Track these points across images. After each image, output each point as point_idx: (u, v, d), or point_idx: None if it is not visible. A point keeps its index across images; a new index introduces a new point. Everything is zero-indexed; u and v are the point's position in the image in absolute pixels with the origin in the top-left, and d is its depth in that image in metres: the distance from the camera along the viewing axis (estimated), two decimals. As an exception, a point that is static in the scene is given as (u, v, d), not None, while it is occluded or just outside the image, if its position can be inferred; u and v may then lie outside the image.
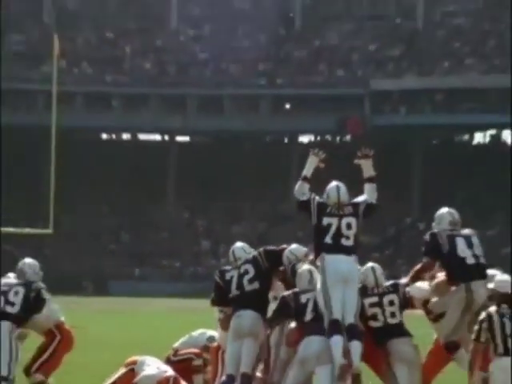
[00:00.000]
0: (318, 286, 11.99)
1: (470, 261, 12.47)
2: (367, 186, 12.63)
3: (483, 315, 12.04)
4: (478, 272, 12.59)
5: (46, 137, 48.65)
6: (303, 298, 12.09)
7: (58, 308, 15.29)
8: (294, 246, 12.88)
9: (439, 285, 12.82)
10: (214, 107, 71.65)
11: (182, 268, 67.49)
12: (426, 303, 12.97)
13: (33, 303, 14.30)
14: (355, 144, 69.35)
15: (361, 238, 12.64)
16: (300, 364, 12.08)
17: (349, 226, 12.18)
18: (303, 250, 12.78)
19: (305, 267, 12.30)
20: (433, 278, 12.87)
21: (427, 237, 12.59)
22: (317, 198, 12.39)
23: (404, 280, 12.96)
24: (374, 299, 12.60)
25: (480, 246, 12.57)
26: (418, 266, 12.76)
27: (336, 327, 11.77)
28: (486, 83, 67.55)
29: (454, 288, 12.69)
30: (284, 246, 12.94)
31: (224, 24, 75.69)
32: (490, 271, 12.78)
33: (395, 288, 12.65)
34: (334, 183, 12.48)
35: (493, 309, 12.10)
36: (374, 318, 12.58)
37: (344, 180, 12.84)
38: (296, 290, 12.19)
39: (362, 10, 75.86)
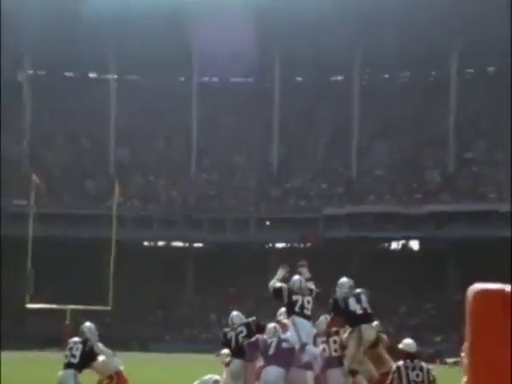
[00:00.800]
0: (292, 331, 12.81)
1: (359, 312, 13.00)
2: (308, 283, 13.63)
3: (394, 367, 12.28)
4: (366, 319, 13.13)
5: (107, 246, 48.84)
6: (269, 341, 12.76)
7: (118, 360, 15.44)
8: (282, 309, 13.92)
9: (348, 336, 13.34)
10: (220, 226, 71.79)
11: (197, 334, 67.03)
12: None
13: (88, 355, 14.60)
14: (313, 250, 69.77)
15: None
16: None
17: (308, 302, 13.17)
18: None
19: (271, 324, 13.14)
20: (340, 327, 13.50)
21: (331, 301, 13.35)
22: (285, 285, 13.34)
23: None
24: (323, 338, 13.22)
25: (367, 301, 13.10)
26: (328, 320, 13.62)
27: (305, 345, 12.82)
28: (399, 210, 67.97)
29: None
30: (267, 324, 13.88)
31: (226, 172, 76.29)
32: (375, 322, 13.32)
33: (338, 332, 13.29)
34: (297, 276, 13.32)
35: (401, 363, 12.33)
36: (323, 351, 13.12)
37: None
38: (265, 336, 13.00)
39: (317, 164, 76.39)
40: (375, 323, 13.30)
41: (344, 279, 13.66)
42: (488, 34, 67.25)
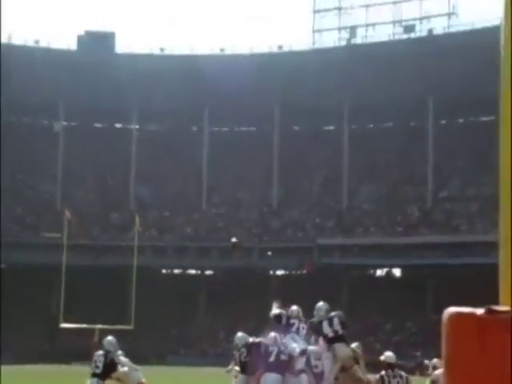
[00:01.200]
0: (291, 342, 12.79)
1: (330, 334, 12.86)
2: None
3: (377, 377, 12.31)
4: (338, 339, 12.95)
5: (129, 272, 48.71)
6: (270, 349, 12.68)
7: (141, 374, 15.43)
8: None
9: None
10: (227, 254, 71.45)
11: (208, 349, 66.71)
12: None
13: (109, 366, 14.66)
14: (309, 276, 69.60)
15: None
16: None
17: (303, 328, 12.88)
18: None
19: (272, 334, 13.11)
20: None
21: (308, 324, 13.31)
22: (284, 312, 13.28)
23: None
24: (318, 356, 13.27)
25: (338, 323, 12.95)
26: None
27: (305, 350, 12.70)
28: (383, 241, 67.88)
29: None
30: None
31: (232, 207, 76.33)
32: (354, 344, 13.20)
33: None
34: (294, 307, 13.23)
35: (383, 372, 12.38)
36: (316, 367, 13.08)
37: (301, 297, 13.46)
38: (267, 343, 12.99)
39: (312, 199, 76.39)
40: (355, 344, 13.29)
41: (320, 303, 13.57)
42: (458, 91, 67.96)
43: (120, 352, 15.30)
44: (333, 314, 13.19)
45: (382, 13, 73.61)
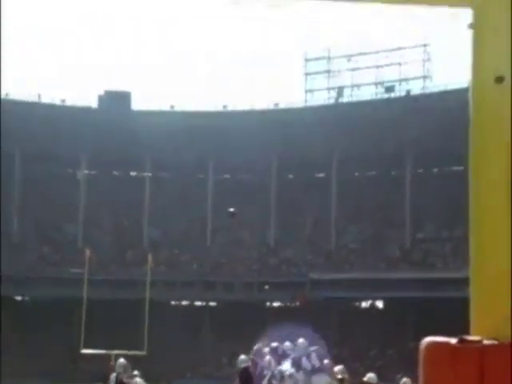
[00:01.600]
0: (287, 364, 12.54)
1: (309, 368, 12.56)
2: None
3: None
4: (316, 372, 12.65)
5: (142, 304, 48.33)
6: (265, 372, 12.48)
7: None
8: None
9: None
10: (229, 288, 71.27)
11: (212, 373, 65.90)
12: None
13: None
14: (302, 307, 69.15)
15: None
16: None
17: (293, 358, 12.62)
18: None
19: (267, 357, 12.85)
20: None
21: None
22: (281, 345, 13.04)
23: None
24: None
25: (316, 358, 12.62)
26: None
27: (293, 375, 12.17)
28: (368, 276, 67.65)
29: None
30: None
31: (234, 246, 76.08)
32: (338, 367, 12.89)
33: None
34: (288, 342, 12.98)
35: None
36: None
37: (294, 326, 13.24)
38: (262, 365, 12.73)
39: (304, 239, 76.14)
40: (340, 367, 13.09)
41: (300, 340, 13.34)
42: (432, 144, 68.43)
43: (136, 372, 15.17)
44: (311, 349, 13.00)
45: (365, 75, 74.75)
